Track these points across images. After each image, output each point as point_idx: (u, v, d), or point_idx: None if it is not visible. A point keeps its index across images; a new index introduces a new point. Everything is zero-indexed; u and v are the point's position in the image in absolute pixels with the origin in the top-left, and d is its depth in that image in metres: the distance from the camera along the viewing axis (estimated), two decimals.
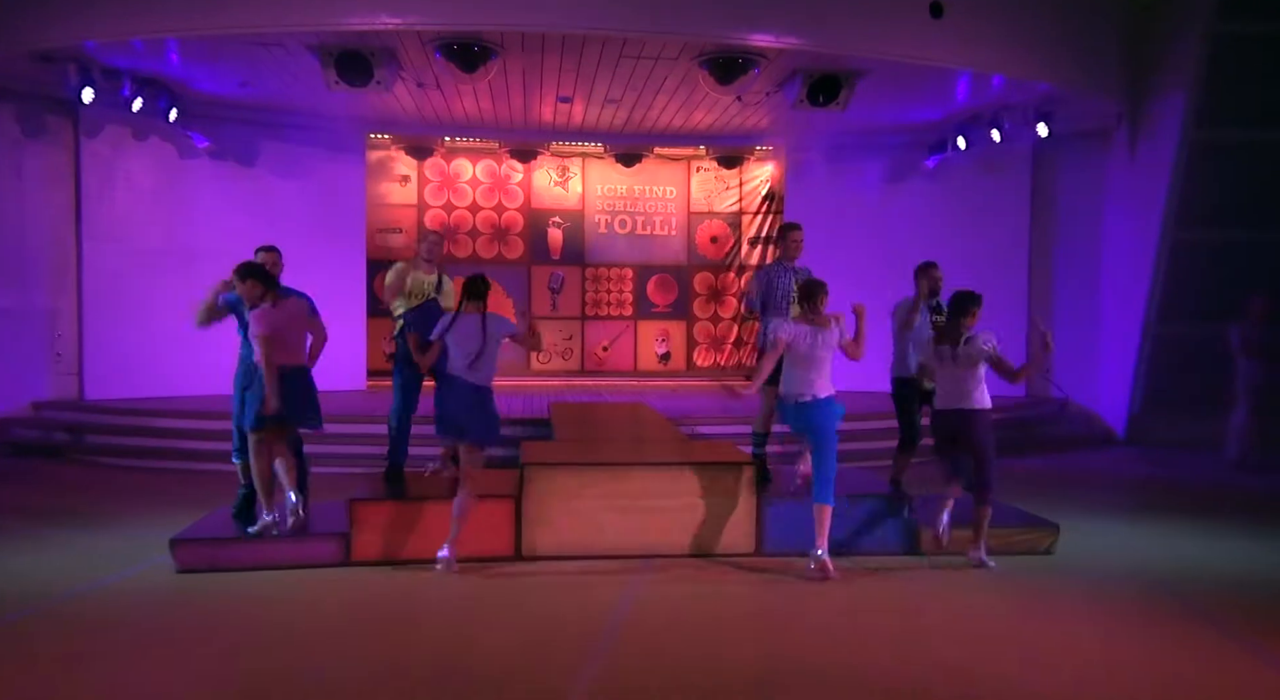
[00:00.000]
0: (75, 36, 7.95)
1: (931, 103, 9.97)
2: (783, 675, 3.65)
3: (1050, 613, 4.47)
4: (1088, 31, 9.37)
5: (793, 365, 5.01)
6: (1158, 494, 7.65)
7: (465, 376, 4.93)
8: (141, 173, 10.12)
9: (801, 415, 4.99)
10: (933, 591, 4.77)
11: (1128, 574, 5.07)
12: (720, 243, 13.56)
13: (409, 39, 7.91)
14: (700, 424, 8.57)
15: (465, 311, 5.00)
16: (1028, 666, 3.76)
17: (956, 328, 5.12)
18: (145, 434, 8.69)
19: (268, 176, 10.72)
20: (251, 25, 7.63)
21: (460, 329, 4.95)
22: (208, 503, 6.17)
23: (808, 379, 4.95)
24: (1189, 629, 4.21)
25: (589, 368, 13.28)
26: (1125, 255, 10.34)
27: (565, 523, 5.22)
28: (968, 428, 5.10)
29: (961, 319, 5.12)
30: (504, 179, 13.09)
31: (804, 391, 4.96)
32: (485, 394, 4.98)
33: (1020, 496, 6.47)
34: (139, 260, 9.96)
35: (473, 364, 4.92)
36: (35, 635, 4.02)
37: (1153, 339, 10.01)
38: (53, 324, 9.68)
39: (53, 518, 6.25)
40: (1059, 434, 10.14)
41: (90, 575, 4.84)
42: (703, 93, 9.34)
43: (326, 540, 5.09)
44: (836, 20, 8.07)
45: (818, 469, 4.97)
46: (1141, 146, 10.05)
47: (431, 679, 3.58)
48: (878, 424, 8.94)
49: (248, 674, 3.62)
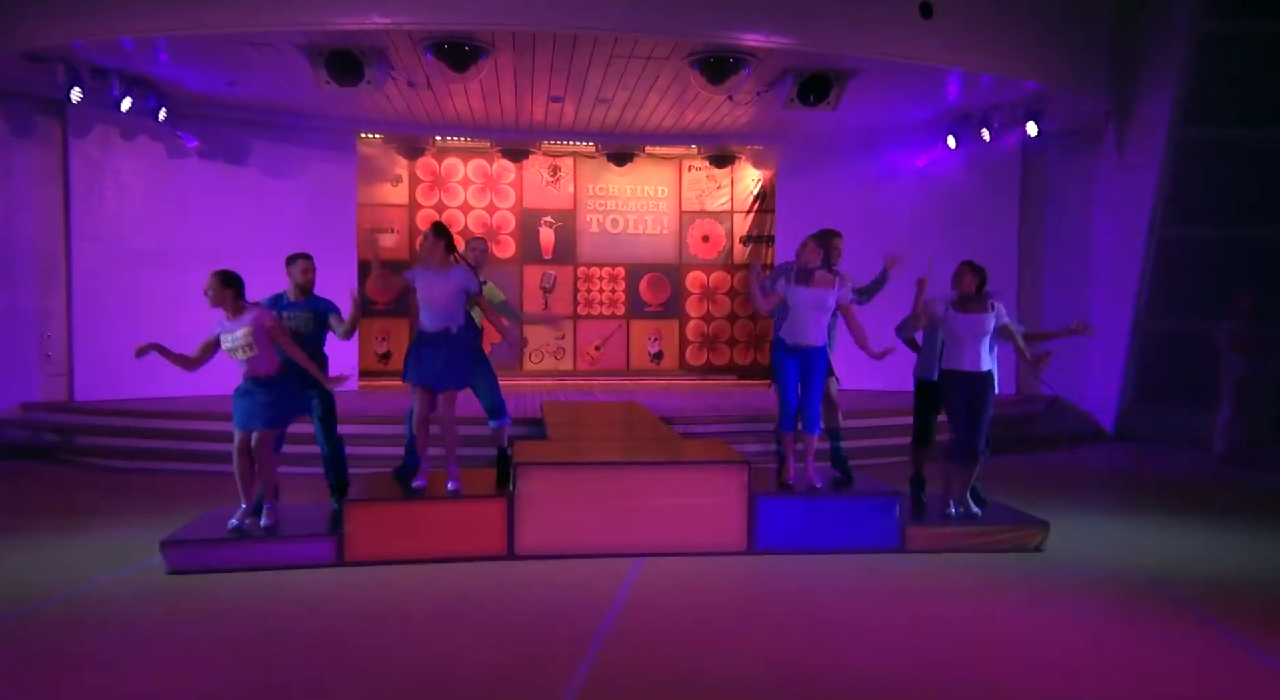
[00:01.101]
0: (63, 36, 7.91)
1: (922, 102, 10.01)
2: (776, 674, 3.67)
3: (1040, 610, 4.51)
4: (1076, 31, 9.42)
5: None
6: (1147, 490, 7.71)
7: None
8: (130, 173, 10.07)
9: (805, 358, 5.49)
10: (925, 589, 4.79)
11: (1118, 570, 5.11)
12: (712, 242, 13.58)
13: (399, 38, 7.90)
14: (693, 423, 8.59)
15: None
16: (1017, 665, 3.78)
17: (981, 295, 5.44)
18: (135, 435, 8.66)
19: (258, 176, 10.68)
20: (241, 25, 7.60)
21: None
22: (199, 504, 6.15)
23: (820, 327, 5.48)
24: (1179, 625, 4.25)
25: (581, 367, 13.29)
26: (1114, 252, 10.41)
27: (557, 522, 5.23)
28: (988, 390, 5.43)
29: (984, 286, 5.47)
30: (496, 178, 13.08)
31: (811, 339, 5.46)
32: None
33: (1010, 493, 6.52)
34: (128, 260, 9.92)
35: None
36: (25, 637, 4.00)
37: (1141, 335, 10.08)
38: (42, 325, 9.63)
39: (42, 519, 6.22)
40: (1048, 431, 10.20)
41: (80, 577, 4.82)
42: (694, 92, 9.35)
43: (319, 541, 5.09)
44: (827, 20, 8.10)
45: (810, 405, 5.48)
46: (1129, 145, 10.12)
47: (422, 681, 3.58)
48: (878, 422, 9.01)
49: (236, 677, 3.62)
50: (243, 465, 5.12)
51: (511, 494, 5.21)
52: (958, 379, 5.46)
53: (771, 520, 5.37)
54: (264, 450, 5.09)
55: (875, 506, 5.48)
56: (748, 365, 13.48)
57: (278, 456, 5.24)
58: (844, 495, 5.58)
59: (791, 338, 5.48)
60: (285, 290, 5.49)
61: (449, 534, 5.19)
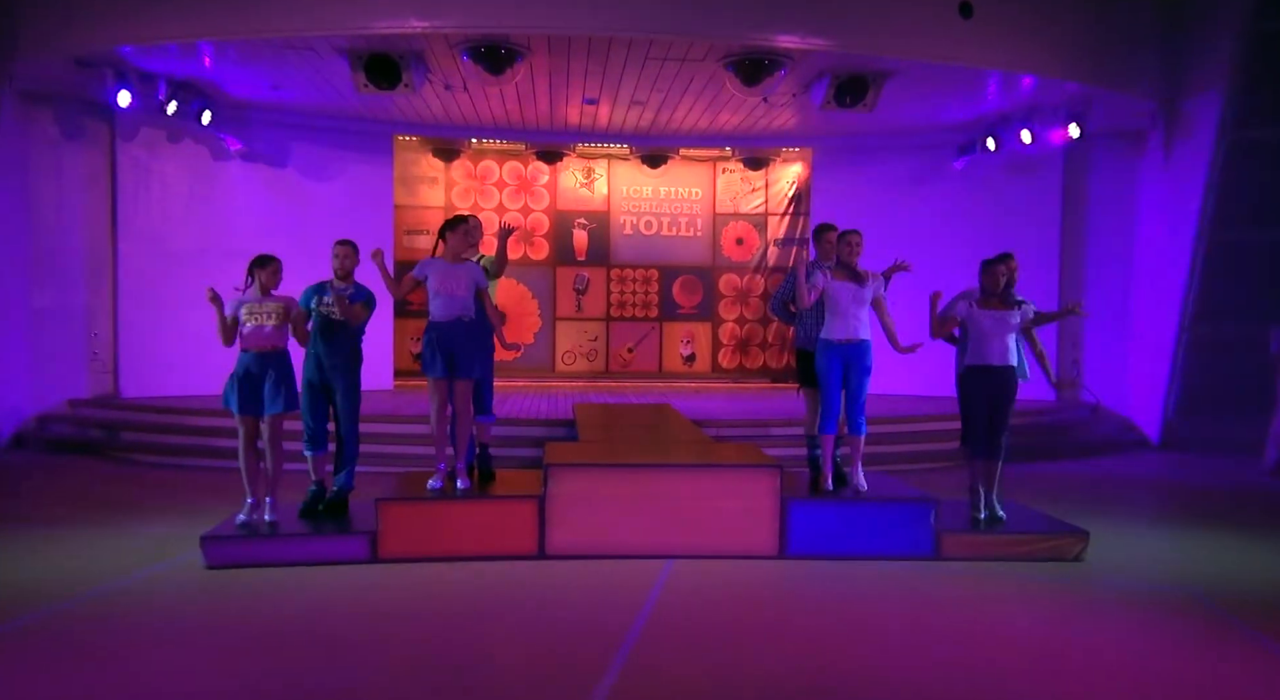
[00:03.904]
0: (111, 41, 8.12)
1: (960, 103, 9.87)
2: (806, 680, 3.63)
3: (1079, 621, 4.41)
4: (1121, 31, 9.23)
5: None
6: (1192, 500, 7.51)
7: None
8: (175, 175, 10.31)
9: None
10: (959, 598, 4.71)
11: (1160, 583, 4.98)
12: (746, 244, 13.52)
13: (436, 42, 7.98)
14: (725, 426, 8.55)
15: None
16: (1053, 676, 3.70)
17: (1009, 291, 5.46)
18: (178, 432, 8.84)
19: (297, 178, 10.88)
20: (282, 29, 7.75)
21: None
22: (238, 500, 6.25)
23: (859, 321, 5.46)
24: (1224, 640, 4.13)
25: (614, 369, 13.31)
26: (1159, 256, 10.16)
27: (589, 523, 5.23)
28: (1012, 384, 5.45)
29: (1013, 283, 5.51)
30: (530, 180, 13.16)
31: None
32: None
33: (1049, 502, 6.39)
34: (173, 260, 10.15)
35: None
36: (68, 628, 4.10)
37: (1188, 341, 9.82)
38: (89, 323, 9.88)
39: (88, 513, 6.38)
40: (1089, 439, 9.98)
41: (122, 570, 4.93)
42: (729, 94, 9.32)
43: (354, 538, 5.15)
44: (864, 21, 8.02)
45: (856, 404, 5.46)
46: (1177, 146, 9.87)
47: (452, 680, 3.60)
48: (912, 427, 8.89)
49: (271, 672, 3.67)
50: (251, 457, 5.18)
51: (543, 495, 5.23)
52: (982, 373, 5.41)
53: (804, 525, 5.31)
54: (279, 435, 5.16)
55: (909, 512, 5.39)
56: (781, 369, 13.39)
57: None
58: (878, 501, 5.50)
59: (839, 333, 5.42)
60: (329, 279, 5.52)
61: (481, 533, 5.22)
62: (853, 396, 5.48)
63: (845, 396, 5.51)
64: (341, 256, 5.46)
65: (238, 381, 5.13)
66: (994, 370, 5.41)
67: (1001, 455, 5.52)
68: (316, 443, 5.46)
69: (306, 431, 5.45)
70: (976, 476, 5.57)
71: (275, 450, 5.19)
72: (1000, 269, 5.44)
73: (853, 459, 5.58)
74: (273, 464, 5.20)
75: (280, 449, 5.21)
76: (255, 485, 5.21)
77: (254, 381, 5.10)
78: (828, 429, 5.54)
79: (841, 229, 5.66)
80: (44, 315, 9.49)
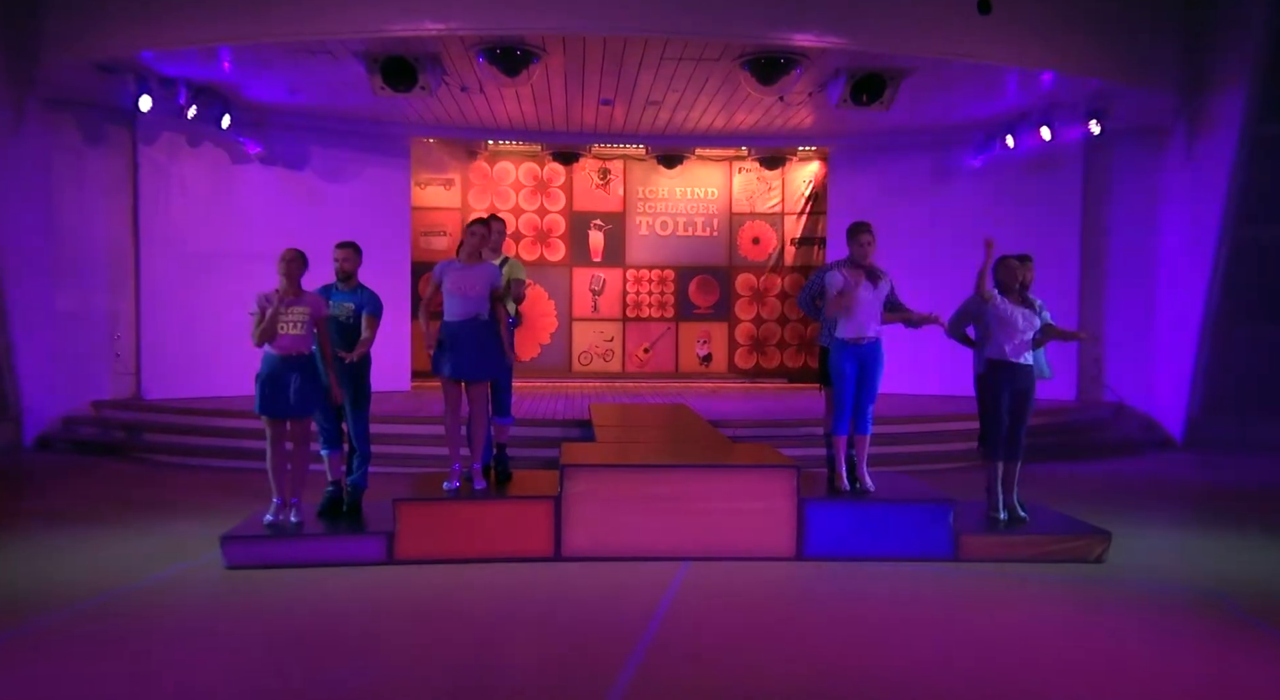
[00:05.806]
0: (133, 47, 8.21)
1: (979, 101, 9.78)
2: (822, 683, 3.60)
3: (1100, 623, 4.35)
4: (1142, 26, 9.11)
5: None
6: (1217, 500, 7.40)
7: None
8: (196, 178, 10.41)
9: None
10: (978, 599, 4.67)
11: (1183, 584, 4.91)
12: (762, 244, 13.48)
13: (452, 44, 8.01)
14: (741, 427, 8.52)
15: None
16: (1073, 678, 3.65)
17: (1025, 294, 5.47)
18: (200, 433, 8.93)
19: (316, 180, 10.96)
20: (300, 33, 7.81)
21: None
22: (257, 500, 6.30)
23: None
24: (1247, 642, 4.06)
25: (630, 369, 13.30)
26: (1181, 253, 10.03)
27: (605, 524, 5.22)
28: (1033, 386, 5.45)
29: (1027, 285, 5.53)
30: (546, 181, 13.19)
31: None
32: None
33: (1070, 502, 6.32)
34: (194, 264, 10.25)
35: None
36: (90, 627, 4.14)
37: (1212, 339, 9.69)
38: (112, 326, 10.00)
39: (110, 513, 6.45)
40: (1112, 438, 9.86)
41: (144, 570, 4.98)
42: (744, 94, 9.29)
43: (370, 539, 5.18)
44: (880, 18, 7.96)
45: (866, 403, 5.47)
46: (1199, 142, 9.75)
47: (468, 681, 3.61)
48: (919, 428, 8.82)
49: (289, 673, 3.69)
50: (280, 458, 5.21)
51: (559, 495, 5.23)
52: (1008, 370, 5.37)
53: (821, 526, 5.28)
54: (307, 437, 5.19)
55: (928, 513, 5.34)
56: (798, 369, 13.34)
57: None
58: (896, 501, 5.46)
59: (853, 332, 5.40)
60: (333, 282, 5.54)
61: (497, 534, 5.22)
62: (863, 397, 5.46)
63: (859, 395, 5.46)
64: (342, 258, 5.47)
65: (263, 384, 5.19)
66: (1015, 367, 5.38)
67: (1020, 456, 5.48)
68: (331, 442, 5.51)
69: (321, 431, 5.50)
70: (994, 477, 5.52)
71: (302, 452, 5.23)
72: (1018, 266, 5.41)
73: (860, 458, 5.53)
74: (299, 466, 5.25)
75: (307, 451, 5.26)
76: (282, 486, 5.25)
77: (280, 384, 5.14)
78: (840, 429, 5.51)
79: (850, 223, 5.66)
80: (67, 318, 9.61)
